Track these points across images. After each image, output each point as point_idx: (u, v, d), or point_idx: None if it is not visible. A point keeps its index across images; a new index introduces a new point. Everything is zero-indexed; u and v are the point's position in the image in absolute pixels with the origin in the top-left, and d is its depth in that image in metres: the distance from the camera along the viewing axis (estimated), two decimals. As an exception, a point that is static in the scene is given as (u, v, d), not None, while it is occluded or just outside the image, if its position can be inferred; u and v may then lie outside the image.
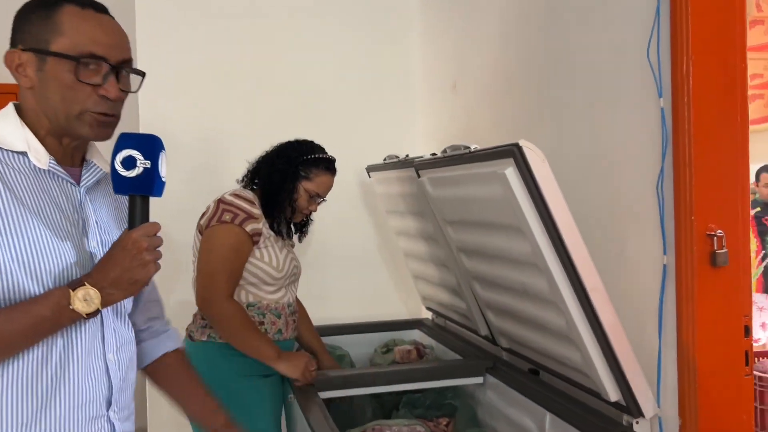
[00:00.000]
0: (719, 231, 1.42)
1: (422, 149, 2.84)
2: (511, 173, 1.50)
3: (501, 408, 2.08)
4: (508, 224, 1.63)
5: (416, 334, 2.89)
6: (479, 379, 2.21)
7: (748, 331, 1.47)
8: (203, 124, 2.94)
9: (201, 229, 1.96)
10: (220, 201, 1.94)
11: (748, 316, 1.48)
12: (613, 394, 1.57)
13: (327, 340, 2.73)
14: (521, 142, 1.44)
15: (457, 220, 2.00)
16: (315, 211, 2.16)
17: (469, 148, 1.70)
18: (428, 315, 2.98)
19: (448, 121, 2.91)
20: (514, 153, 1.47)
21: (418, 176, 2.16)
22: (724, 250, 1.42)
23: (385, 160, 2.56)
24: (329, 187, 2.16)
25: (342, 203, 3.05)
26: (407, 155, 2.34)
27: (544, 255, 1.52)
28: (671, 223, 1.49)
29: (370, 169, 2.80)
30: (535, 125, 2.08)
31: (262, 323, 1.95)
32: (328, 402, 2.23)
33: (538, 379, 2.04)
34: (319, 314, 3.02)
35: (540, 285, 1.63)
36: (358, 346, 2.81)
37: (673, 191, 1.48)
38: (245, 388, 1.95)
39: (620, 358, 1.51)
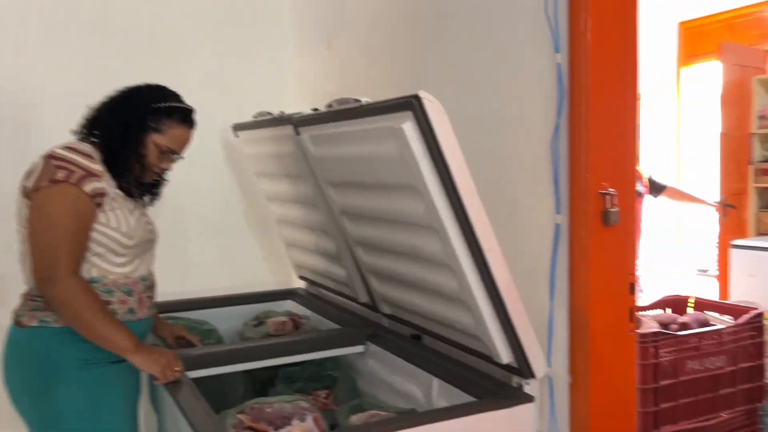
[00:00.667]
0: (611, 189, 1.42)
1: (294, 107, 2.65)
2: (409, 128, 1.40)
3: (384, 376, 2.01)
4: (402, 184, 1.53)
5: (289, 305, 2.74)
6: (360, 348, 2.12)
7: (633, 288, 1.50)
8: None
9: (27, 193, 1.60)
10: (49, 156, 1.58)
11: (633, 274, 1.51)
12: (505, 356, 1.54)
13: (191, 314, 2.50)
14: (421, 94, 1.34)
15: (342, 181, 1.87)
16: (169, 169, 1.82)
17: (359, 101, 1.57)
18: (301, 284, 2.84)
19: (323, 78, 2.75)
20: (412, 105, 1.36)
21: (297, 134, 2.00)
22: (616, 209, 1.43)
23: (255, 117, 2.36)
24: (185, 142, 1.80)
25: (203, 164, 2.80)
26: (282, 112, 2.16)
27: (440, 215, 1.44)
28: (565, 181, 1.47)
29: (238, 127, 2.58)
30: (421, 82, 1.99)
31: (109, 303, 1.65)
32: (197, 382, 2.04)
33: (421, 344, 1.99)
34: (179, 287, 2.77)
35: (433, 247, 1.55)
36: (225, 321, 2.61)
37: (568, 149, 1.46)
38: (89, 380, 1.64)
39: (514, 319, 1.48)
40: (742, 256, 3.87)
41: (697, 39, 4.23)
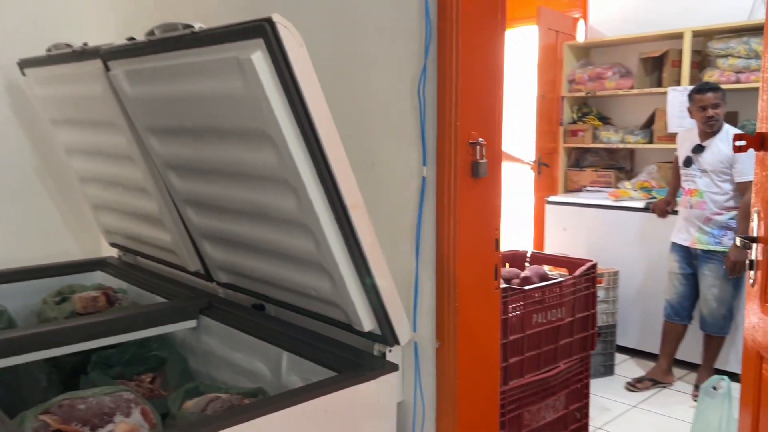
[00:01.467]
0: (481, 139, 1.32)
1: (102, 36, 2.22)
2: (259, 59, 1.16)
3: (222, 353, 1.77)
4: (249, 129, 1.28)
5: (99, 277, 2.35)
6: (192, 323, 1.84)
7: (498, 244, 1.43)
8: None
9: None
10: None
11: (499, 229, 1.43)
12: (368, 323, 1.40)
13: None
14: (275, 17, 1.11)
15: (167, 127, 1.57)
16: None
17: (192, 27, 1.29)
18: (112, 253, 2.45)
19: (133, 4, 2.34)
20: (264, 31, 1.13)
21: (107, 70, 1.64)
22: (485, 161, 1.33)
23: (49, 50, 1.92)
24: None
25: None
26: (85, 43, 1.77)
27: (297, 166, 1.23)
28: (433, 130, 1.34)
29: (26, 63, 2.10)
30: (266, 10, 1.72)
31: None
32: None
33: (265, 315, 1.78)
34: None
35: (287, 205, 1.34)
36: (17, 299, 2.16)
37: (436, 93, 1.32)
38: None
39: (379, 284, 1.33)
40: (554, 211, 4.14)
41: (519, 1, 4.38)
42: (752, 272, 1.42)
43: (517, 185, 4.56)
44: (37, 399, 1.71)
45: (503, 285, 2.03)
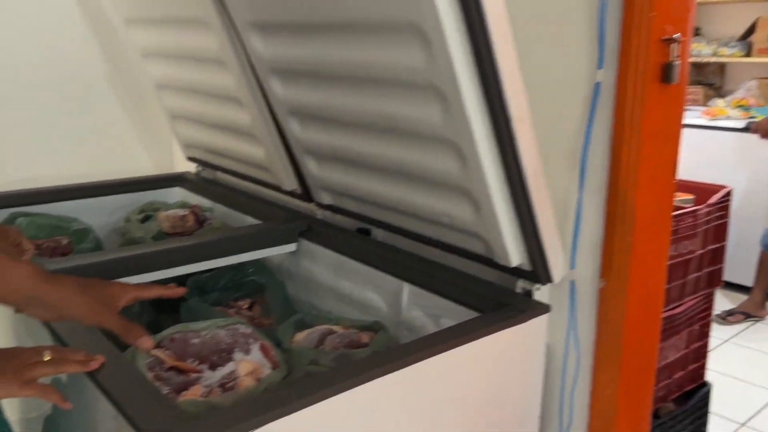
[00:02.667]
0: (678, 34, 1.06)
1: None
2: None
3: (327, 281, 1.61)
4: (388, 17, 1.05)
5: (179, 194, 2.20)
6: (292, 247, 1.68)
7: (676, 168, 1.20)
8: None
9: None
10: None
11: (679, 148, 1.19)
12: (515, 257, 1.20)
13: (51, 208, 1.90)
14: None
15: (275, 21, 1.34)
16: None
17: None
18: (189, 168, 2.29)
19: None
20: None
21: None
22: (679, 62, 1.07)
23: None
24: None
25: (42, 11, 2.08)
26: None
27: (453, 65, 1.00)
28: (614, 23, 1.08)
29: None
30: None
31: None
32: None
33: (377, 241, 1.60)
34: (23, 173, 2.11)
35: (429, 115, 1.12)
36: (95, 215, 2.03)
37: (622, -23, 1.06)
38: None
39: (538, 214, 1.12)
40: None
41: None
42: None
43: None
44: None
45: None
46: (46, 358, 0.85)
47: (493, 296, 1.25)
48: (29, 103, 2.14)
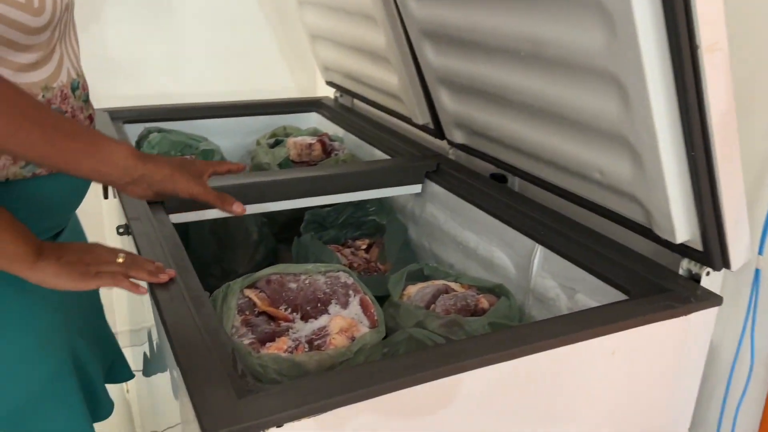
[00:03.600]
0: None
1: None
2: None
3: (451, 230, 1.43)
4: None
5: (314, 119, 2.10)
6: (417, 188, 1.52)
7: None
8: None
9: None
10: None
11: None
12: (683, 232, 0.94)
13: (184, 125, 1.88)
14: None
15: None
16: None
17: None
18: (329, 93, 2.18)
19: None
20: None
21: None
22: None
23: None
24: None
25: None
26: None
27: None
28: None
29: None
30: None
31: None
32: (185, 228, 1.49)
33: (511, 191, 1.38)
34: (161, 87, 2.12)
35: (587, 41, 0.87)
36: (229, 136, 2.00)
37: None
38: None
39: (721, 176, 0.84)
40: None
41: None
42: None
43: None
44: (247, 253, 1.53)
45: None
46: (120, 260, 0.87)
47: (648, 276, 0.99)
48: (176, 19, 2.12)
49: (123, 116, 1.85)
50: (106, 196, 1.49)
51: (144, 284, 0.89)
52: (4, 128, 0.75)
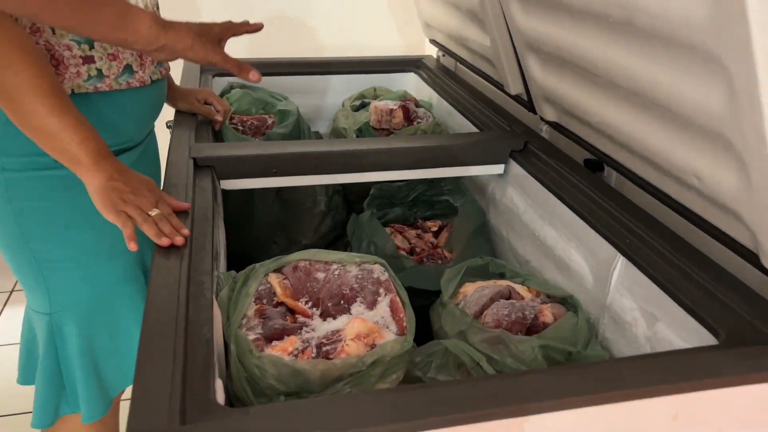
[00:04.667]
0: None
1: None
2: None
3: (530, 221, 1.25)
4: None
5: (411, 80, 1.95)
6: (498, 168, 1.33)
7: None
8: None
9: None
10: None
11: None
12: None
13: (274, 81, 1.81)
14: None
15: None
16: None
17: None
18: (433, 52, 2.01)
19: None
20: None
21: None
22: None
23: None
24: None
25: None
26: None
27: None
28: None
29: None
30: None
31: (89, 60, 0.95)
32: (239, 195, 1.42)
33: (604, 183, 1.16)
34: (262, 41, 2.05)
35: (692, 12, 0.65)
36: (317, 95, 1.90)
37: None
38: (38, 185, 0.98)
39: None
40: None
41: None
42: None
43: None
44: (312, 224, 1.45)
45: None
46: (152, 212, 0.89)
47: (748, 317, 0.77)
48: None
49: (213, 69, 1.82)
50: None
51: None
52: (9, 104, 0.85)
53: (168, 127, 1.37)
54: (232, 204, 1.49)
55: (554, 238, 1.16)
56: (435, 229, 1.39)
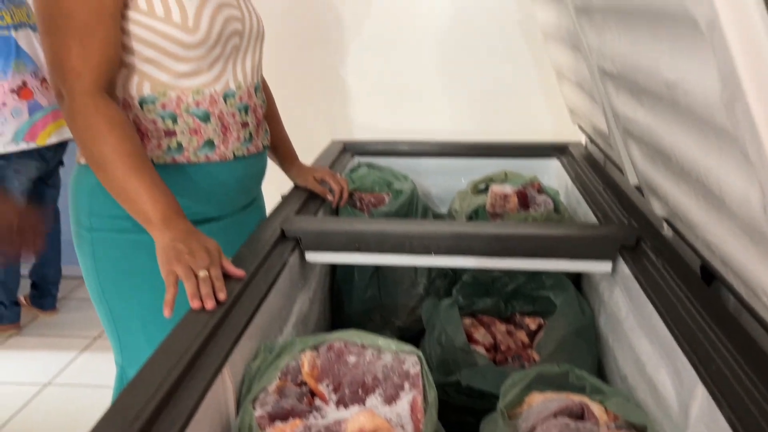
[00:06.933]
0: None
1: None
2: None
3: (629, 332, 1.06)
4: None
5: (553, 167, 1.83)
6: (606, 266, 1.17)
7: None
8: None
9: None
10: None
11: None
12: None
13: (406, 162, 1.83)
14: None
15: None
16: None
17: None
18: (582, 138, 1.88)
19: None
20: None
21: None
22: None
23: None
24: None
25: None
26: None
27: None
28: None
29: None
30: None
31: (170, 134, 1.06)
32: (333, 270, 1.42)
33: (716, 297, 0.95)
34: (393, 123, 2.09)
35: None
36: (458, 176, 1.87)
37: None
38: (119, 246, 1.09)
39: None
40: None
41: None
42: None
43: None
44: (407, 306, 1.41)
45: None
46: (200, 273, 0.91)
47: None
48: (415, 52, 2.08)
49: (354, 148, 1.90)
50: None
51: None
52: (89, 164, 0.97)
53: (282, 198, 1.44)
54: (339, 278, 1.50)
55: (648, 354, 0.98)
56: (534, 327, 1.25)
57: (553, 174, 1.79)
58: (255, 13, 1.18)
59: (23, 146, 2.30)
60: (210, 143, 1.10)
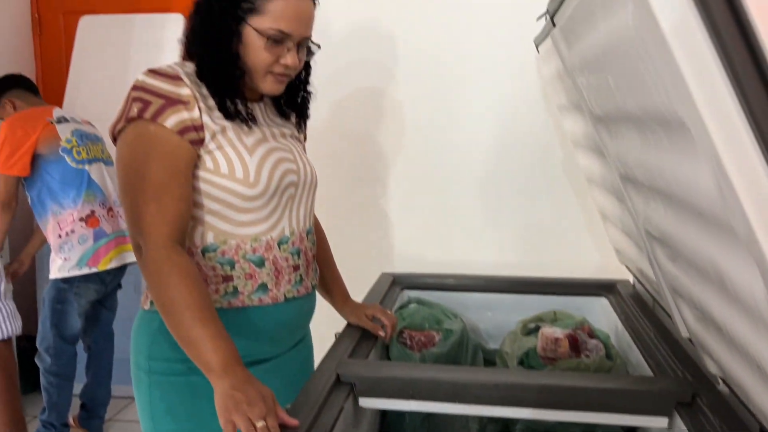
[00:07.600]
0: None
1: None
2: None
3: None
4: (655, 111, 0.57)
5: (600, 306, 1.83)
6: (662, 422, 1.15)
7: None
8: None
9: (112, 136, 1.16)
10: (132, 87, 1.11)
11: None
12: None
13: (449, 297, 1.86)
14: None
15: (604, 111, 0.94)
16: (295, 67, 1.14)
17: None
18: (629, 276, 1.89)
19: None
20: None
21: (553, 25, 1.12)
22: None
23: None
24: (298, 16, 1.10)
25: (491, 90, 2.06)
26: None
27: None
28: None
29: (539, 40, 1.75)
30: None
31: (228, 280, 1.13)
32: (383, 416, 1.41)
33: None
34: (440, 256, 2.14)
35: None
36: (506, 313, 1.88)
37: None
38: (174, 390, 1.15)
39: None
40: None
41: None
42: None
43: None
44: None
45: None
46: (258, 424, 0.93)
47: None
48: (482, 190, 2.17)
49: (403, 282, 1.95)
50: None
51: None
52: (160, 313, 1.04)
53: (336, 337, 1.48)
54: (390, 420, 1.50)
55: None
56: (588, 483, 1.22)
57: (601, 313, 1.78)
58: (309, 165, 1.27)
59: (86, 270, 2.43)
60: (263, 287, 1.17)
